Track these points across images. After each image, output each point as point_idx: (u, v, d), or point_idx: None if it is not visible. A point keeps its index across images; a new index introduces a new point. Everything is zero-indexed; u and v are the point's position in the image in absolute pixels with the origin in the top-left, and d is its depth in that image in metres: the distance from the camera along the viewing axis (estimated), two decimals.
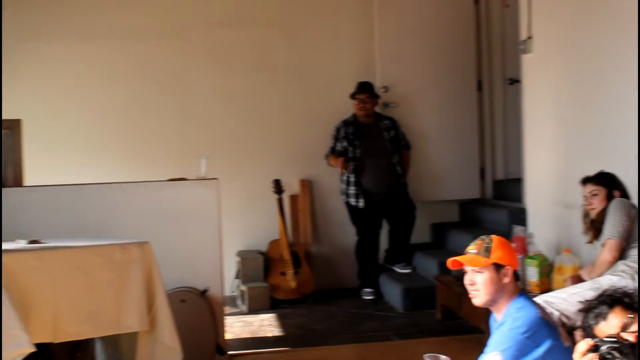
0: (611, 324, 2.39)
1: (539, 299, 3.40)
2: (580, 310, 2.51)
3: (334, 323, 5.30)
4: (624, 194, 3.82)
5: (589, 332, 2.47)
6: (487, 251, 2.76)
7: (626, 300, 2.42)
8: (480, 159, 6.62)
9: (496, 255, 2.75)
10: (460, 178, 6.52)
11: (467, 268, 2.81)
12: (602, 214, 3.75)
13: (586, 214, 3.96)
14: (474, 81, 6.58)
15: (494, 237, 2.82)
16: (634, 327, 2.36)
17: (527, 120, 5.52)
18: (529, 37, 5.36)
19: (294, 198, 6.43)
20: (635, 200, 3.84)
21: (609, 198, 3.79)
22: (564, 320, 3.37)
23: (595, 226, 3.86)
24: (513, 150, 6.33)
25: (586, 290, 3.44)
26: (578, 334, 2.73)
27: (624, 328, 2.36)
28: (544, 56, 5.24)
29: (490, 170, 6.69)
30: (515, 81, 6.15)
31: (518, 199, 5.77)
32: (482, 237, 2.84)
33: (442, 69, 6.47)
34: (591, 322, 2.44)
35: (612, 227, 3.64)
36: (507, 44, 6.49)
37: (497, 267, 2.75)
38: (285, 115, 6.48)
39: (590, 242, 3.98)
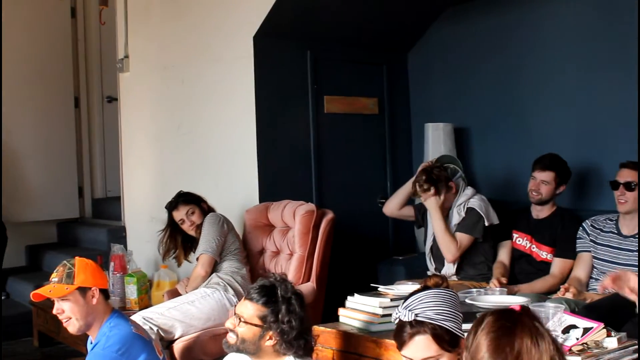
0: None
1: (138, 317, 3.42)
2: None
3: None
4: (210, 208, 4.04)
5: None
6: (70, 277, 2.71)
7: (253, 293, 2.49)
8: (78, 177, 6.49)
9: (80, 279, 2.71)
10: (58, 197, 6.30)
11: (53, 298, 2.72)
12: (200, 228, 3.90)
13: (163, 240, 4.06)
14: (71, 97, 6.43)
15: (76, 260, 2.79)
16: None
17: (125, 139, 5.56)
18: (126, 56, 5.42)
19: None
20: None
21: (203, 212, 3.96)
22: (162, 334, 3.44)
23: (185, 246, 4.03)
24: (112, 169, 6.30)
25: (182, 304, 3.58)
26: None
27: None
28: (140, 76, 5.34)
29: (89, 189, 6.60)
30: (113, 99, 6.16)
31: (118, 217, 5.77)
32: (65, 262, 2.79)
33: (36, 83, 6.17)
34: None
35: (206, 242, 3.79)
36: (104, 61, 6.48)
37: (83, 290, 2.71)
38: None
39: (180, 264, 4.14)
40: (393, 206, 4.10)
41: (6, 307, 5.42)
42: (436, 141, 4.53)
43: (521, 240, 3.82)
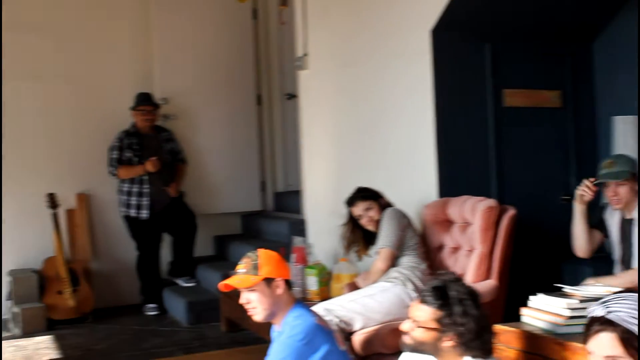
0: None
1: (319, 307, 3.52)
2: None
3: (115, 342, 5.14)
4: (388, 203, 4.04)
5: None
6: (255, 268, 2.81)
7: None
8: (261, 171, 6.76)
9: (265, 270, 2.80)
10: (242, 191, 6.61)
11: (240, 288, 2.85)
12: (378, 223, 3.91)
13: (346, 234, 4.09)
14: (254, 95, 6.72)
15: (260, 252, 2.87)
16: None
17: (305, 135, 5.74)
18: (305, 54, 5.58)
19: (70, 212, 6.16)
20: None
21: (381, 208, 3.97)
22: (343, 326, 3.49)
23: (365, 240, 4.05)
24: (292, 163, 6.51)
25: (362, 297, 3.62)
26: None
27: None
28: (318, 73, 5.48)
29: (270, 183, 6.85)
30: (293, 96, 6.35)
31: (298, 210, 5.95)
32: (249, 253, 2.88)
33: (222, 83, 6.53)
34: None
35: (386, 237, 3.80)
36: (284, 59, 6.68)
37: (268, 281, 2.80)
38: (58, 125, 6.18)
39: (360, 258, 4.18)
40: (580, 239, 3.62)
41: (196, 293, 5.78)
42: (625, 135, 4.27)
43: None
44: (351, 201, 4.03)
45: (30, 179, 6.06)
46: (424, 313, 2.41)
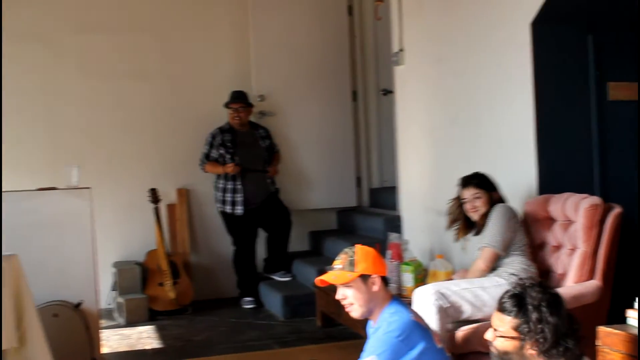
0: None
1: (432, 288, 3.46)
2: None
3: (214, 333, 5.26)
4: (501, 199, 3.91)
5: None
6: (352, 264, 2.81)
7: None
8: (356, 167, 6.76)
9: (361, 267, 2.81)
10: (337, 187, 6.64)
11: (337, 284, 2.86)
12: (485, 217, 3.79)
13: (452, 209, 3.98)
14: (349, 91, 6.72)
15: (357, 248, 2.87)
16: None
17: (400, 130, 5.70)
18: (401, 50, 5.54)
19: (171, 207, 6.35)
20: None
21: (491, 201, 3.84)
22: (452, 312, 3.43)
23: (467, 223, 3.93)
24: (388, 159, 6.49)
25: (476, 288, 3.52)
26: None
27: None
28: (415, 68, 5.43)
29: (366, 179, 6.84)
30: (388, 92, 6.30)
31: (393, 206, 5.93)
32: (346, 249, 2.89)
33: (317, 79, 6.57)
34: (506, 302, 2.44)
35: (493, 236, 3.67)
36: (380, 55, 6.65)
37: (364, 277, 2.81)
38: (160, 123, 6.39)
39: (457, 239, 4.04)
40: None
41: (292, 287, 5.85)
42: None
43: None
44: (464, 183, 3.91)
45: (134, 174, 6.29)
46: (504, 322, 2.38)
